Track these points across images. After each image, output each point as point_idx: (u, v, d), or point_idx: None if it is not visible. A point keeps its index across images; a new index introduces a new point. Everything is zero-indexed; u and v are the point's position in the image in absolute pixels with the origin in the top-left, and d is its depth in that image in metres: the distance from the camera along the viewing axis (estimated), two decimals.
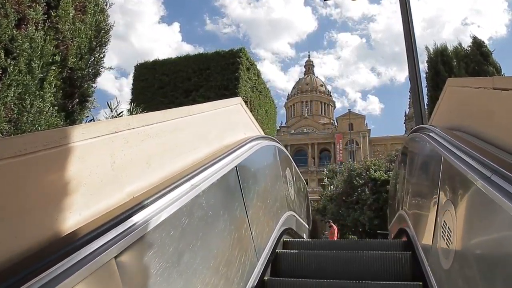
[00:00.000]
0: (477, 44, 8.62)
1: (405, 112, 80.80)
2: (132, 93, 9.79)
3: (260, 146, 3.87)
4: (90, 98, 3.73)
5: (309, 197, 34.80)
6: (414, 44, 8.60)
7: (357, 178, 32.11)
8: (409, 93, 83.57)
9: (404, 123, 79.07)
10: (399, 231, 4.32)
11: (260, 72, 10.37)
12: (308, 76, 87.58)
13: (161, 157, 2.50)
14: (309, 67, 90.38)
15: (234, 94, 8.84)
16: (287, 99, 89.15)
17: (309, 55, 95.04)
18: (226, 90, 9.00)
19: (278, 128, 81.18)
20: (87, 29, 3.40)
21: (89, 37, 3.42)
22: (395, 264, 3.31)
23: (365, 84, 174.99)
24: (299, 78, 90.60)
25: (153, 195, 2.03)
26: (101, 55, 3.71)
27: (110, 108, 4.16)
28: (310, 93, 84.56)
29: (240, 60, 9.13)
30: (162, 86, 9.55)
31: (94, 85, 3.76)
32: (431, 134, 3.39)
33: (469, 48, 8.80)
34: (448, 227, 2.42)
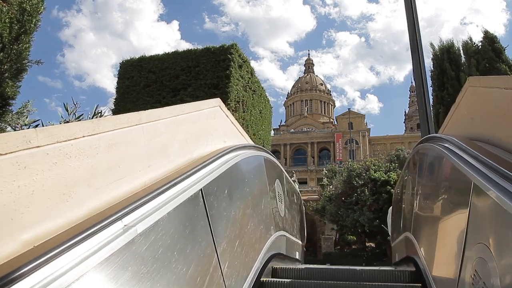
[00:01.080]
0: (489, 39, 7.87)
1: (405, 111, 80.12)
2: (116, 92, 9.10)
3: (240, 158, 3.19)
4: (13, 101, 3.01)
5: (308, 196, 34.13)
6: (419, 41, 7.90)
7: (356, 179, 31.47)
8: (409, 92, 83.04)
9: (404, 122, 78.43)
10: (406, 258, 3.65)
11: (253, 70, 9.67)
12: (308, 75, 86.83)
13: (91, 184, 1.81)
14: (309, 65, 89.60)
15: (225, 93, 8.16)
16: (286, 98, 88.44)
17: (309, 54, 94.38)
18: (216, 88, 8.31)
19: (278, 127, 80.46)
20: (14, 11, 2.70)
21: (14, 22, 2.73)
22: None
23: (364, 83, 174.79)
24: (299, 77, 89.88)
25: (53, 248, 1.36)
26: (26, 46, 2.97)
27: (67, 110, 3.47)
28: (310, 92, 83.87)
29: (232, 57, 8.42)
30: (148, 84, 8.86)
31: (19, 83, 3.03)
32: (449, 146, 2.71)
33: (480, 44, 8.08)
34: (484, 283, 1.73)
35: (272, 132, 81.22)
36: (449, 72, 7.94)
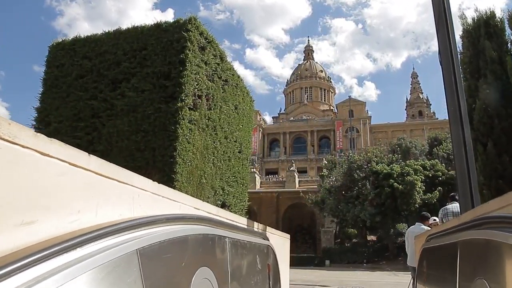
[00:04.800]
0: None
1: (407, 98, 77.24)
2: (43, 84, 6.81)
3: None
4: None
5: (308, 187, 31.96)
6: (448, 8, 5.52)
7: (357, 171, 29.20)
8: (411, 79, 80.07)
9: (405, 109, 75.60)
10: None
11: (224, 54, 7.30)
12: (307, 62, 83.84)
13: None
14: (308, 52, 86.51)
15: (178, 85, 5.86)
16: (286, 85, 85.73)
17: (308, 40, 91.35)
18: (167, 79, 5.99)
19: (277, 115, 77.89)
20: None
21: None
22: None
23: (361, 70, 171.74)
24: (298, 64, 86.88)
25: None
26: None
27: None
28: (310, 79, 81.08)
29: (189, 35, 6.07)
30: (82, 74, 6.54)
31: None
32: None
33: None
34: None
35: (271, 120, 78.64)
36: (489, 53, 5.58)
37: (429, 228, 7.71)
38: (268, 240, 3.73)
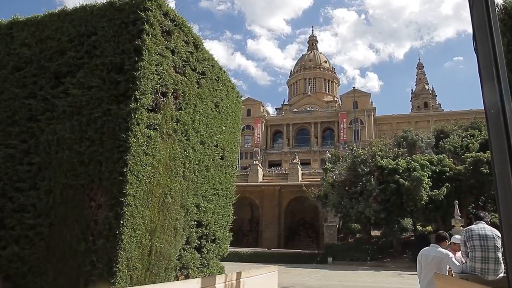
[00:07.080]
0: None
1: (412, 89, 75.07)
2: None
3: None
4: None
5: (311, 181, 30.65)
6: None
7: (361, 166, 27.76)
8: (416, 70, 77.68)
9: (410, 100, 73.52)
10: None
11: (200, 41, 5.89)
12: (311, 52, 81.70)
13: None
14: (312, 42, 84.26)
15: (132, 81, 4.47)
16: (289, 76, 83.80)
17: (312, 30, 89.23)
18: (120, 72, 4.61)
19: (280, 107, 76.20)
20: None
21: None
22: None
23: (363, 61, 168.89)
24: (302, 54, 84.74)
25: None
26: None
27: None
28: (314, 70, 79.06)
29: (148, 16, 4.68)
30: (20, 66, 5.19)
31: None
32: None
33: None
34: None
35: (275, 111, 76.87)
36: None
37: (448, 252, 6.31)
38: None
